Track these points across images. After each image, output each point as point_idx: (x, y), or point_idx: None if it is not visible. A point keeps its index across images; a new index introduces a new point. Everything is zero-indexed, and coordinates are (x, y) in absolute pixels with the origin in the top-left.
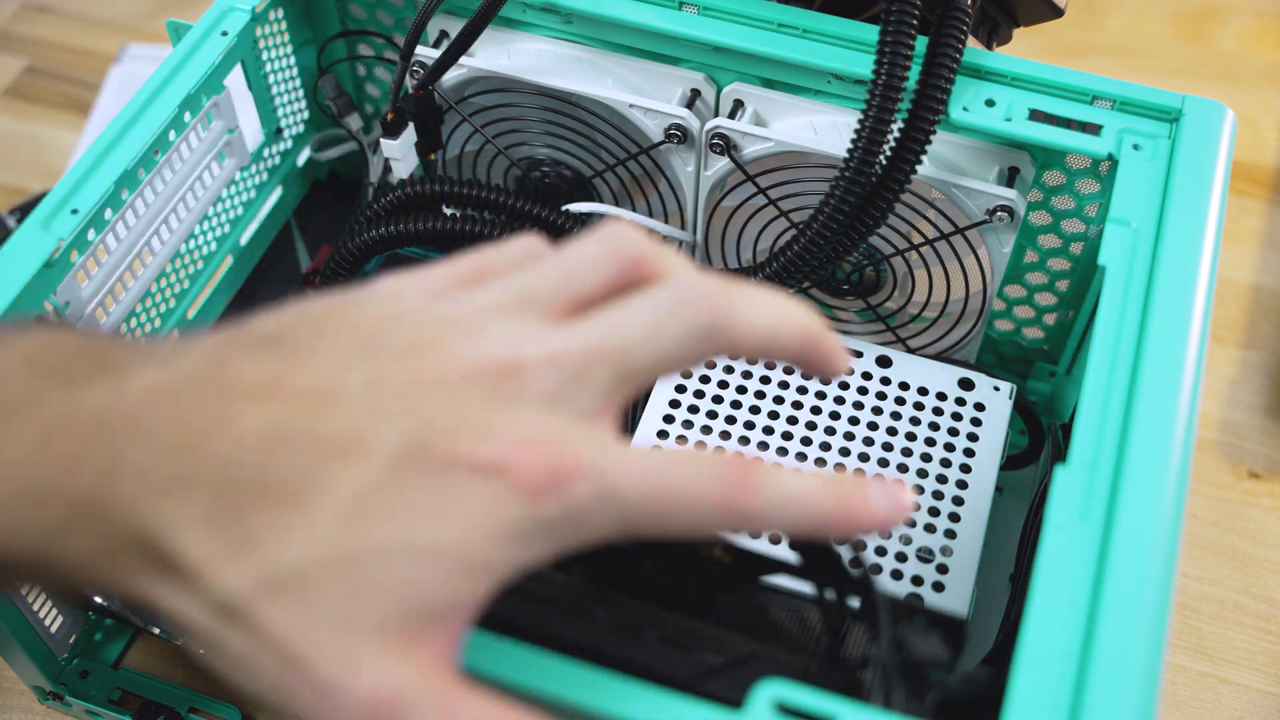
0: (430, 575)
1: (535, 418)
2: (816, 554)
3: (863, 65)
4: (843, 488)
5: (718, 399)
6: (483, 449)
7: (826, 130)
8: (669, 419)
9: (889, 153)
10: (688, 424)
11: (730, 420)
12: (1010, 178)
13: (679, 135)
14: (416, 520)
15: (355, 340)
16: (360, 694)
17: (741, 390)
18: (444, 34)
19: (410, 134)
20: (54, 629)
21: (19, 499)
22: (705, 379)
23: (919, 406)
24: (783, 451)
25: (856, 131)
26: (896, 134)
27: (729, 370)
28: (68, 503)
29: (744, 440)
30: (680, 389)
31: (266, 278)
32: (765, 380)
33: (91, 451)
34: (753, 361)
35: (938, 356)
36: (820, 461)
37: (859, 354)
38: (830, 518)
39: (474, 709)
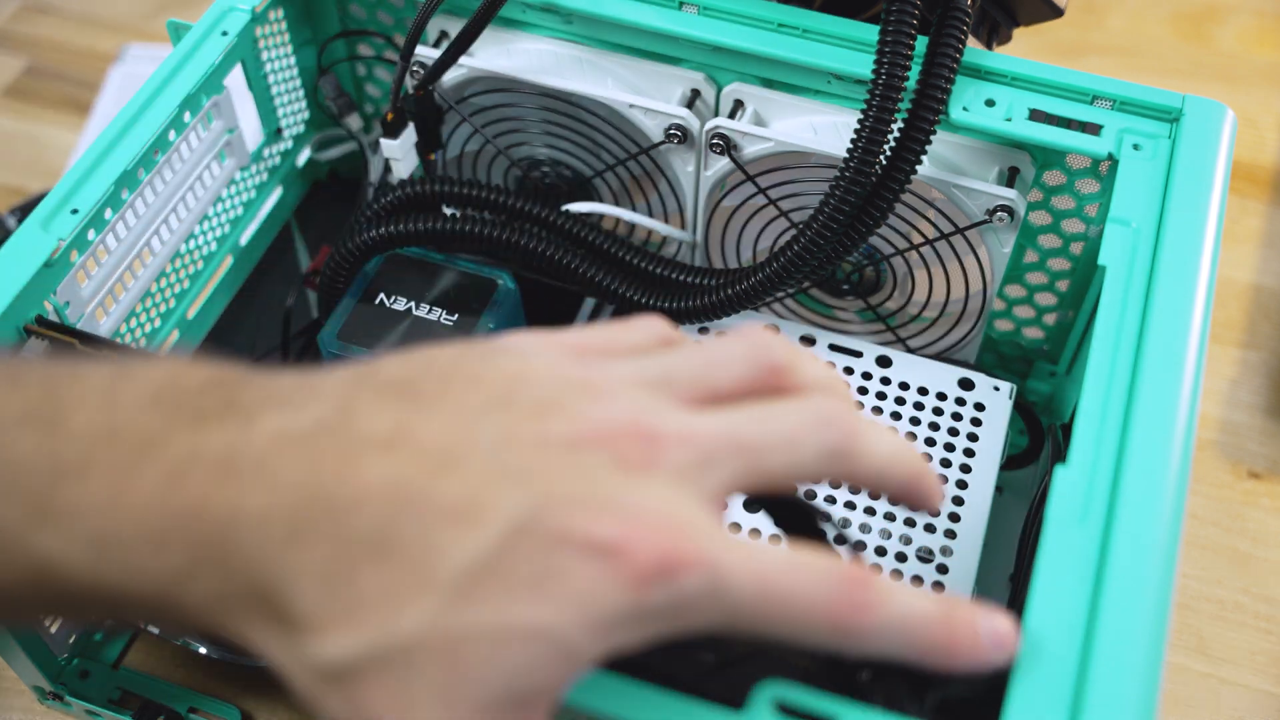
0: (527, 660)
1: (660, 493)
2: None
3: (863, 65)
4: (954, 620)
5: None
6: (597, 527)
7: (826, 130)
8: None
9: (889, 153)
10: None
11: None
12: (1010, 178)
13: (679, 135)
14: (520, 601)
15: (484, 394)
16: None
17: None
18: (444, 34)
19: (410, 134)
20: (54, 629)
21: (143, 542)
22: None
23: (919, 406)
24: None
25: (856, 131)
26: (896, 134)
27: None
28: (189, 547)
29: None
30: None
31: (266, 278)
32: None
33: (215, 497)
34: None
35: (938, 356)
36: None
37: (859, 354)
38: (937, 649)
39: None
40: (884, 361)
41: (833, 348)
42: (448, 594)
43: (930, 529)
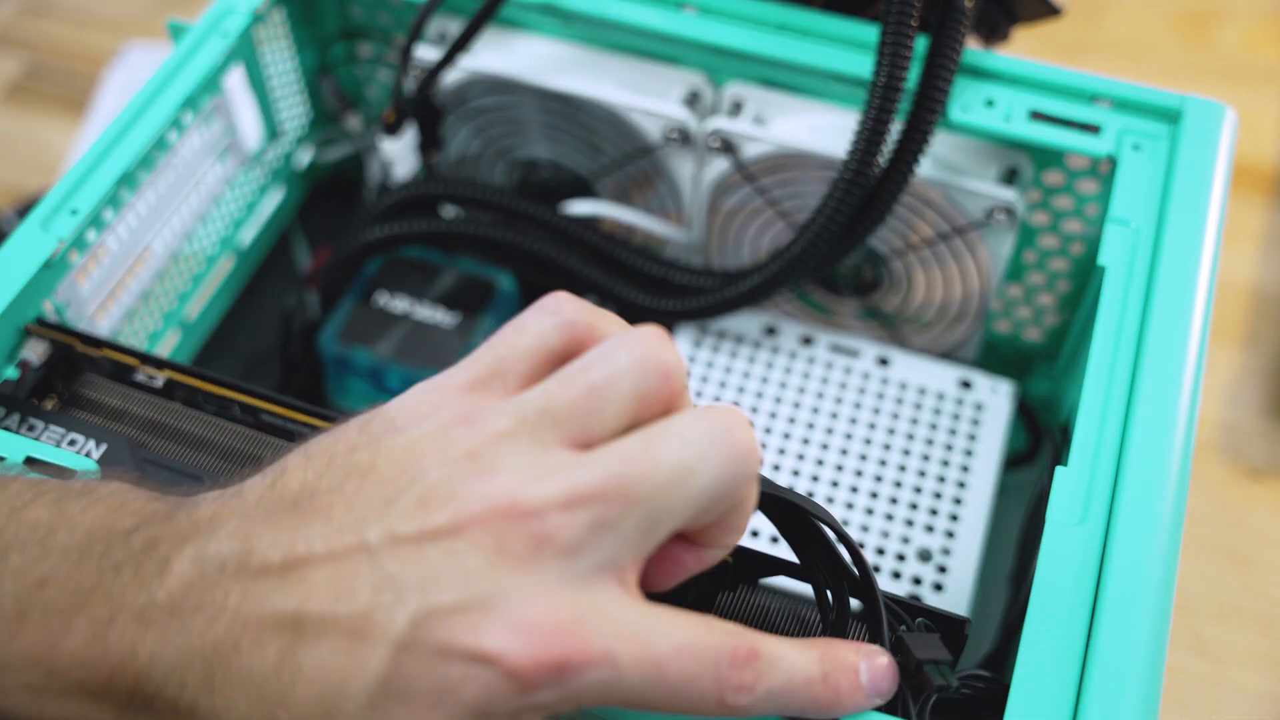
0: None
1: (544, 583)
2: (816, 555)
3: (863, 65)
4: (835, 677)
5: (718, 399)
6: (478, 637)
7: (826, 131)
8: None
9: (889, 153)
10: None
11: None
12: (1010, 178)
13: (679, 136)
14: (421, 717)
15: (373, 493)
16: None
17: (741, 390)
18: (444, 34)
19: (410, 135)
20: None
21: (78, 693)
22: (705, 379)
23: (919, 406)
24: (782, 451)
25: (856, 132)
26: (896, 134)
27: (728, 370)
28: (120, 696)
29: None
30: None
31: (267, 279)
32: (765, 380)
33: (139, 647)
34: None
35: (937, 356)
36: (820, 461)
37: (859, 354)
38: (820, 706)
39: None
40: (884, 361)
41: (833, 348)
42: (361, 712)
43: (930, 529)
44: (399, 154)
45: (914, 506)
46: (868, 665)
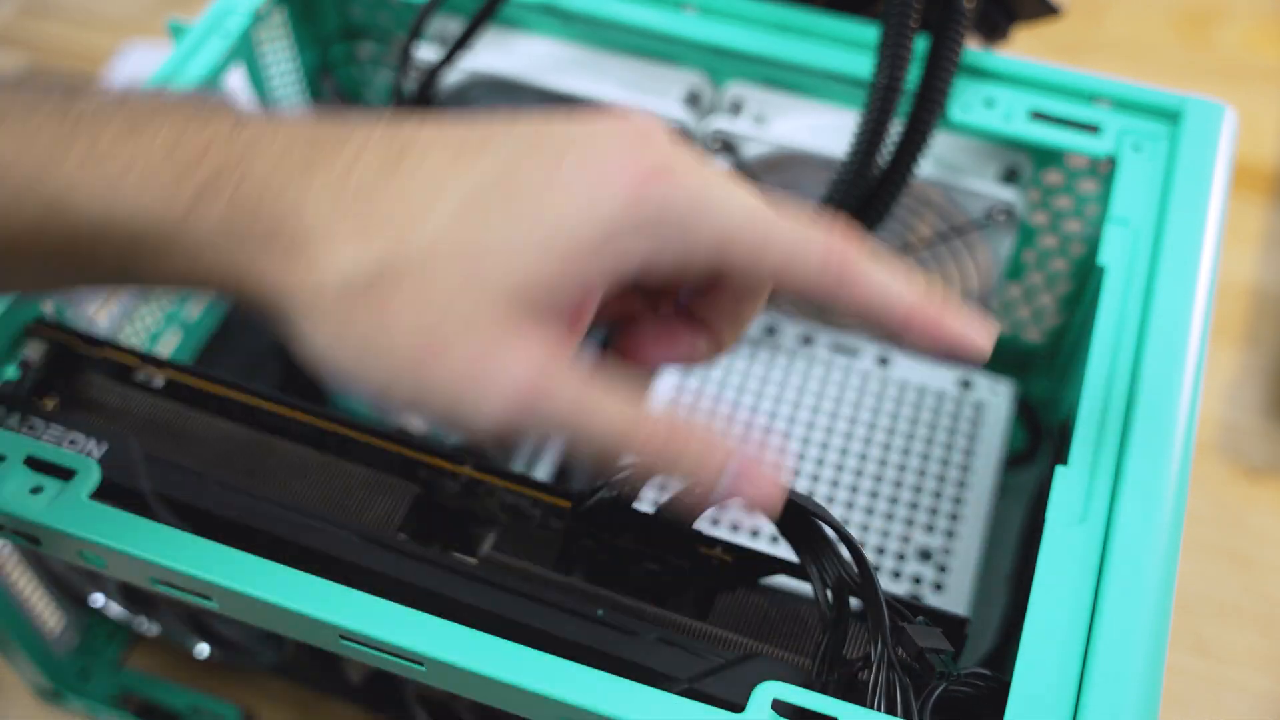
0: (536, 259)
1: (656, 128)
2: (816, 554)
3: (863, 65)
4: (932, 292)
5: (718, 399)
6: (591, 145)
7: (826, 131)
8: None
9: (889, 153)
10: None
11: (730, 420)
12: (1010, 178)
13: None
14: (528, 207)
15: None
16: (510, 370)
17: (741, 390)
18: (444, 34)
19: None
20: (54, 629)
21: (159, 171)
22: (705, 379)
23: (919, 406)
24: (783, 451)
25: (856, 132)
26: (896, 134)
27: (728, 370)
28: (204, 178)
29: (743, 440)
30: (680, 388)
31: None
32: (765, 380)
33: (233, 138)
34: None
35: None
36: (820, 461)
37: (859, 354)
38: (912, 314)
39: (610, 382)
40: (884, 361)
41: (833, 348)
42: (460, 204)
43: (930, 529)
44: None
45: (914, 506)
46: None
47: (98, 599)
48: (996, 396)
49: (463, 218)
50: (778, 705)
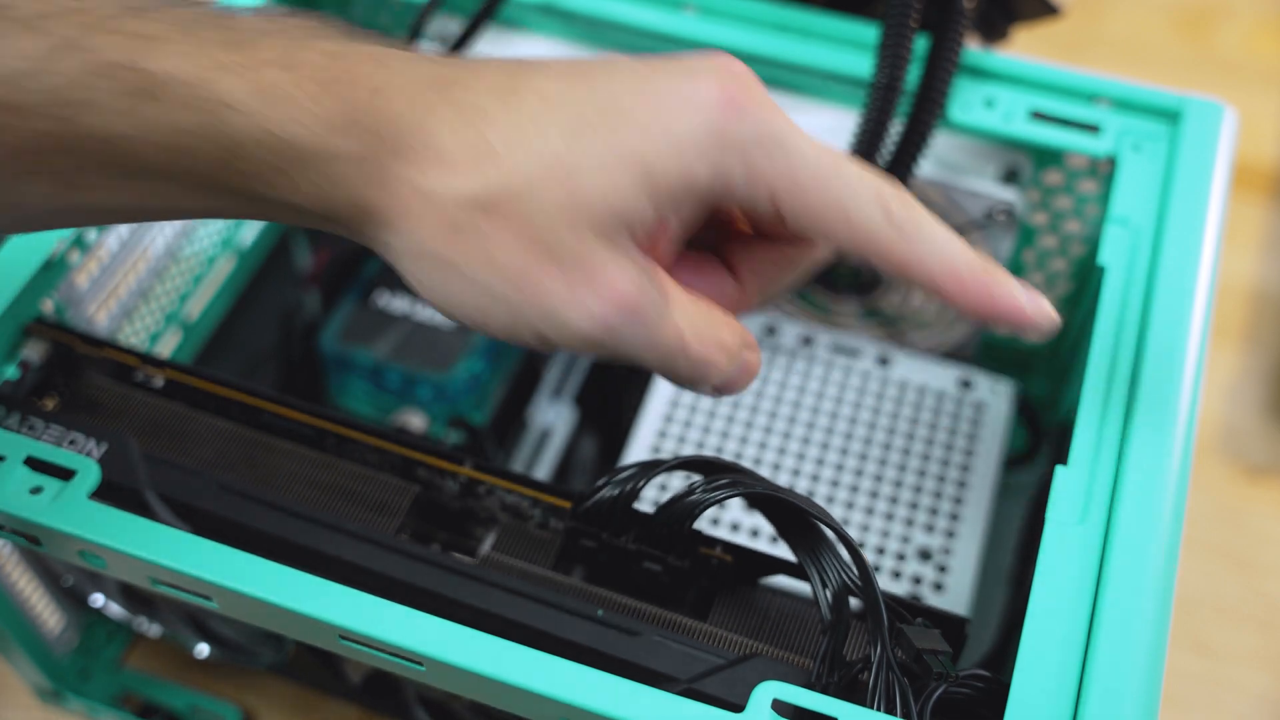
0: (629, 183)
1: (744, 71)
2: (816, 555)
3: (863, 65)
4: (989, 263)
5: (718, 399)
6: (688, 77)
7: (826, 130)
8: (668, 418)
9: (889, 153)
10: (687, 424)
11: (730, 420)
12: (1010, 178)
13: None
14: (619, 136)
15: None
16: (610, 288)
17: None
18: (444, 34)
19: None
20: (54, 629)
21: (308, 93)
22: None
23: (919, 406)
24: (782, 451)
25: (856, 132)
26: (896, 134)
27: None
28: (346, 103)
29: (743, 440)
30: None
31: (268, 279)
32: (765, 380)
33: (372, 73)
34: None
35: (938, 356)
36: (820, 461)
37: (859, 354)
38: (965, 279)
39: (688, 299)
40: (884, 361)
41: (833, 348)
42: (561, 131)
43: (930, 529)
44: None
45: (914, 506)
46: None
47: (98, 599)
48: (996, 396)
49: (565, 143)
50: (777, 705)
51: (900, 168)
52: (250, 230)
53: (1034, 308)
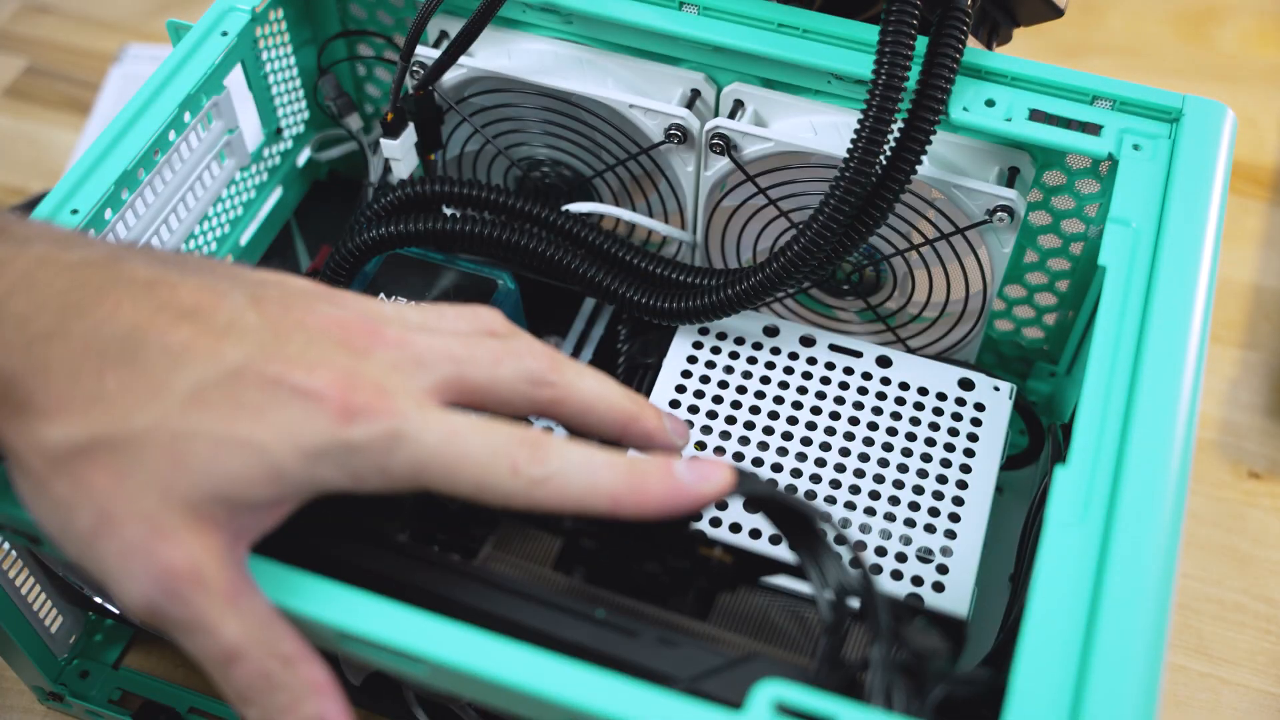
0: (239, 468)
1: (370, 371)
2: (815, 555)
3: (863, 65)
4: (639, 465)
5: (718, 399)
6: (308, 378)
7: (826, 130)
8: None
9: (889, 153)
10: (688, 424)
11: (730, 420)
12: (1010, 178)
13: (679, 135)
14: (238, 419)
15: (245, 280)
16: (161, 559)
17: (741, 390)
18: (444, 34)
19: (410, 134)
20: (54, 629)
21: None
22: (705, 379)
23: (919, 406)
24: (783, 451)
25: (856, 131)
26: (896, 134)
27: (729, 371)
28: None
29: (744, 440)
30: (680, 389)
31: None
32: (765, 380)
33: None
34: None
35: (938, 356)
36: (820, 461)
37: (859, 354)
38: (626, 495)
39: (254, 602)
40: (884, 361)
41: (833, 348)
42: (179, 402)
43: (930, 529)
44: (399, 154)
45: (914, 507)
46: (685, 463)
47: (98, 599)
48: (997, 396)
49: (186, 407)
50: (778, 705)
51: (900, 167)
52: (249, 229)
53: (698, 474)
